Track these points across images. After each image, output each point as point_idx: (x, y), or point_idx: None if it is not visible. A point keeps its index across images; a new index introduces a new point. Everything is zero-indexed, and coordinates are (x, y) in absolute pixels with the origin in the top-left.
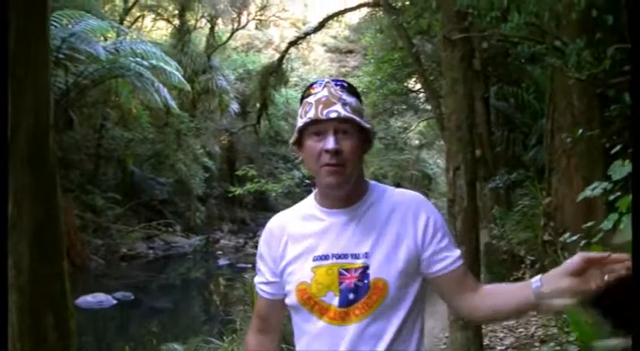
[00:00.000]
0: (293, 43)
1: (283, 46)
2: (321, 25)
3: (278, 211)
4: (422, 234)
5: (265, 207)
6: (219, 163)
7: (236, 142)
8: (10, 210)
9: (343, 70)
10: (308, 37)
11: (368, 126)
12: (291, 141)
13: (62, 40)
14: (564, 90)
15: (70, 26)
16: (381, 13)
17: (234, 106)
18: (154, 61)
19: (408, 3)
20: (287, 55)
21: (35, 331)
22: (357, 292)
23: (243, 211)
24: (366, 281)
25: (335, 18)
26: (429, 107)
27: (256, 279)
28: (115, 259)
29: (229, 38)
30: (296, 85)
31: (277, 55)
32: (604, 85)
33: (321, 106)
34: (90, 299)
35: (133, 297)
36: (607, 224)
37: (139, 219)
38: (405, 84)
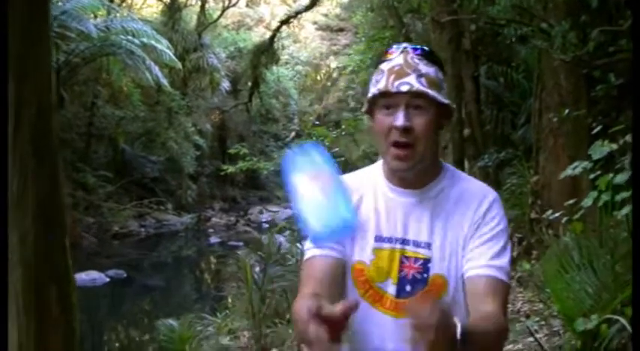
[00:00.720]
0: (284, 22)
1: (274, 23)
2: (313, 4)
3: (269, 190)
4: (477, 222)
5: (256, 185)
6: (211, 141)
7: (227, 120)
8: (15, 187)
9: (334, 48)
10: (299, 15)
11: (446, 100)
12: (364, 109)
13: (53, 18)
14: (552, 70)
15: (61, 4)
16: None
17: (225, 85)
18: (145, 39)
19: None
20: (278, 34)
21: (40, 304)
22: (414, 284)
23: (235, 189)
24: (425, 275)
25: None
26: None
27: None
28: (107, 238)
29: (220, 16)
30: (287, 63)
31: (268, 33)
32: (589, 67)
33: (392, 77)
34: (83, 277)
35: (125, 275)
36: (587, 202)
37: (130, 197)
38: None
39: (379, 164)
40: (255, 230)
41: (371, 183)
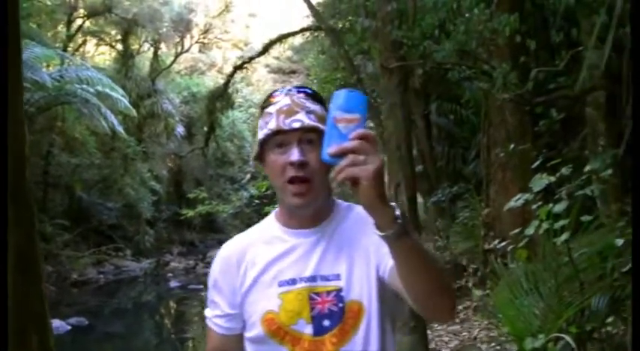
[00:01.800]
0: (239, 68)
1: (226, 67)
2: (266, 50)
3: (227, 232)
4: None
5: (213, 228)
6: (167, 186)
7: (183, 165)
8: None
9: None
10: (253, 60)
11: None
12: (252, 155)
13: None
14: (498, 107)
15: None
16: (323, 34)
17: (180, 129)
18: (99, 88)
19: (348, 26)
20: (232, 79)
21: (21, 349)
22: (332, 317)
23: (192, 233)
24: (340, 305)
25: (274, 39)
26: (371, 124)
27: (209, 312)
28: (66, 286)
29: (173, 62)
30: (240, 106)
31: (221, 77)
32: (530, 104)
33: (282, 116)
34: None
35: (87, 322)
36: (529, 230)
37: (88, 244)
38: None
39: (271, 216)
40: None
41: (263, 235)
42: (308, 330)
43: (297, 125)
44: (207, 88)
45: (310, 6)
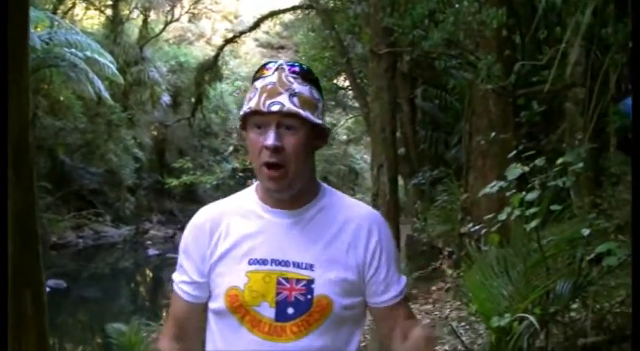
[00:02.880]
0: (229, 41)
1: (215, 38)
2: (257, 25)
3: (207, 203)
4: (370, 257)
5: (193, 199)
6: (150, 154)
7: (167, 134)
8: None
9: None
10: (243, 35)
11: (318, 120)
12: (239, 125)
13: None
14: (482, 96)
15: None
16: (314, 12)
17: (166, 98)
18: (88, 53)
19: (340, 5)
20: (221, 52)
21: (16, 306)
22: (297, 306)
23: (172, 202)
24: (309, 296)
25: (265, 15)
26: (357, 104)
27: (177, 276)
28: (45, 248)
29: (162, 30)
30: (227, 78)
31: (209, 48)
32: (512, 96)
33: (264, 95)
34: None
35: (65, 285)
36: (502, 216)
37: (68, 208)
38: (335, 81)
39: (251, 189)
40: None
41: (240, 207)
42: (269, 313)
43: (275, 108)
44: (194, 59)
45: None
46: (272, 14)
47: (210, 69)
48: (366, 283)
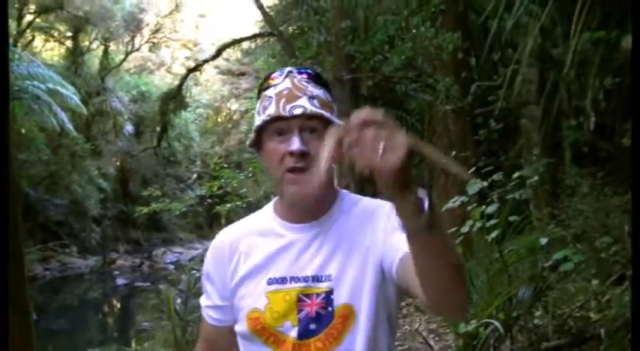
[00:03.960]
0: (192, 70)
1: (175, 67)
2: (219, 53)
3: (171, 231)
4: (382, 234)
5: (158, 227)
6: (114, 184)
7: (132, 163)
8: None
9: (235, 91)
10: (203, 61)
11: (340, 122)
12: (249, 142)
13: None
14: (441, 116)
15: None
16: (275, 39)
17: (129, 128)
18: (50, 85)
19: (298, 31)
20: (185, 82)
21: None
22: (319, 321)
23: (137, 231)
24: (330, 309)
25: (227, 43)
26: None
27: (202, 301)
28: None
29: (123, 60)
30: (189, 105)
31: (169, 76)
32: (470, 115)
33: (283, 101)
34: None
35: (35, 317)
36: (464, 229)
37: (34, 240)
38: None
39: (269, 206)
40: (160, 272)
41: (259, 227)
42: (293, 333)
43: (298, 112)
44: (156, 87)
45: (263, 12)
46: (234, 42)
47: (175, 98)
48: (384, 253)
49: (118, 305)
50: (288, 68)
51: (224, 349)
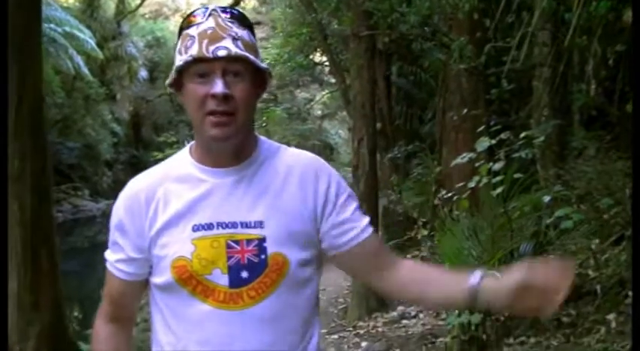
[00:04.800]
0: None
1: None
2: (237, 2)
3: None
4: (323, 202)
5: None
6: (126, 129)
7: (145, 108)
8: (16, 164)
9: None
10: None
11: (264, 66)
12: (168, 82)
13: None
14: (455, 74)
15: None
16: None
17: (143, 73)
18: (67, 28)
19: None
20: None
21: (34, 260)
22: (252, 269)
23: None
24: (262, 256)
25: None
26: (333, 80)
27: (110, 255)
28: None
29: (140, 5)
30: None
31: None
32: (482, 75)
33: (206, 41)
34: None
35: None
36: (471, 184)
37: None
38: (311, 57)
39: (184, 151)
40: None
41: (176, 172)
42: (223, 281)
43: (222, 53)
44: (171, 33)
45: None
46: None
47: None
48: (325, 231)
49: None
50: (212, 6)
51: (129, 309)
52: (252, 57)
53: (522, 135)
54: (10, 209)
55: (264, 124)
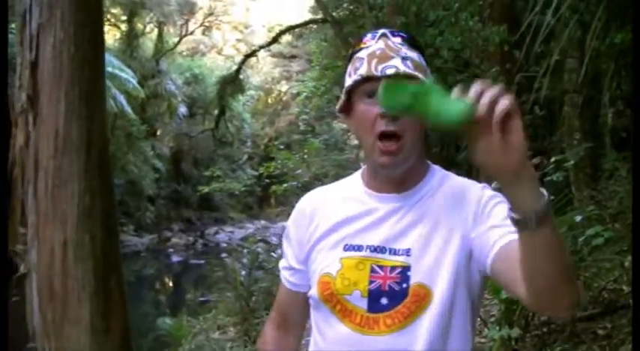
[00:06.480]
0: (249, 56)
1: (226, 49)
2: (275, 40)
3: (223, 211)
4: (472, 221)
5: (210, 207)
6: (167, 165)
7: (190, 144)
8: (87, 200)
9: (286, 74)
10: (259, 46)
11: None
12: (338, 106)
13: None
14: None
15: None
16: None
17: (183, 109)
18: (110, 69)
19: (351, 17)
20: (242, 67)
21: (106, 289)
22: (391, 296)
23: (189, 210)
24: (404, 285)
25: (283, 29)
26: None
27: (280, 263)
28: None
29: (177, 43)
30: (245, 90)
31: (220, 58)
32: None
33: (375, 61)
34: None
35: None
36: None
37: None
38: None
39: (357, 174)
40: (213, 250)
41: (343, 192)
42: (362, 304)
43: (390, 72)
44: (208, 70)
45: None
46: (289, 29)
47: (232, 82)
48: (476, 245)
49: (172, 281)
50: (382, 30)
51: (296, 321)
52: (421, 76)
53: (553, 159)
54: (83, 243)
55: (305, 157)
